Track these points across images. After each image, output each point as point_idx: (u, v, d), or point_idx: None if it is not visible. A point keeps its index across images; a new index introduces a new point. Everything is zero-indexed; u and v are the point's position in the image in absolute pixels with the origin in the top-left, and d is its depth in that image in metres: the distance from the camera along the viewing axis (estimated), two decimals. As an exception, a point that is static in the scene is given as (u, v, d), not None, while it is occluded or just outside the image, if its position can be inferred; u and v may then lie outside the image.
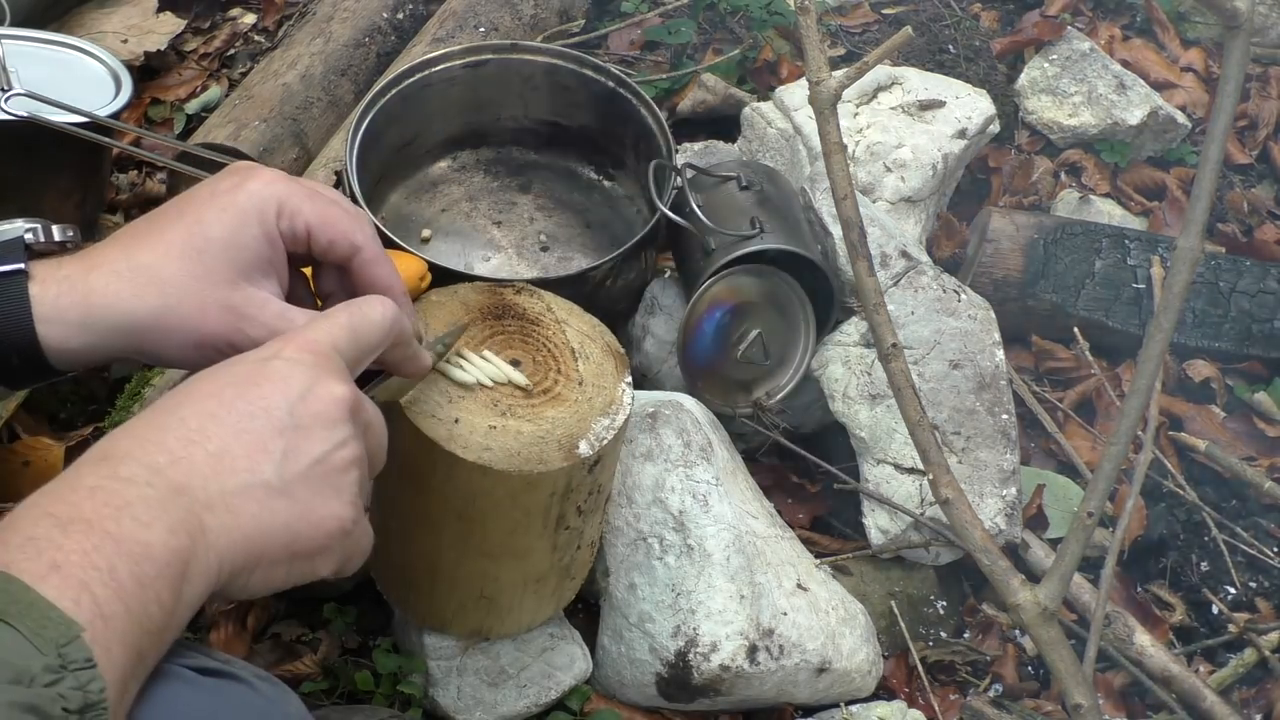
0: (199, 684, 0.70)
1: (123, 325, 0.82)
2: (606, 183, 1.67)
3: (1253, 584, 1.50)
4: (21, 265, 0.81)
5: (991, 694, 1.40)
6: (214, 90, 1.88)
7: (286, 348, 0.77)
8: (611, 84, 1.57)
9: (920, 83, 1.74)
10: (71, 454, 1.43)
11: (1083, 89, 1.88)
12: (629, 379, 1.16)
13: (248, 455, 0.72)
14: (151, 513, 0.66)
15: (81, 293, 0.81)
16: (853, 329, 1.46)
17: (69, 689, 0.58)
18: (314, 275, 0.94)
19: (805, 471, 1.50)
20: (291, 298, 0.90)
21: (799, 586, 1.32)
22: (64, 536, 0.63)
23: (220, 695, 0.72)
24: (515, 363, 1.14)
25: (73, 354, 0.82)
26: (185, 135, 1.78)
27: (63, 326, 0.81)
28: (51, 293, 0.81)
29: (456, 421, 1.07)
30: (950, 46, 1.93)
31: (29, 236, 0.88)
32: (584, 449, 1.08)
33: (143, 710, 0.66)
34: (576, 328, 1.19)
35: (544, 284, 1.25)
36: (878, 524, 1.41)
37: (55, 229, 0.91)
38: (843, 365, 1.44)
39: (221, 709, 0.71)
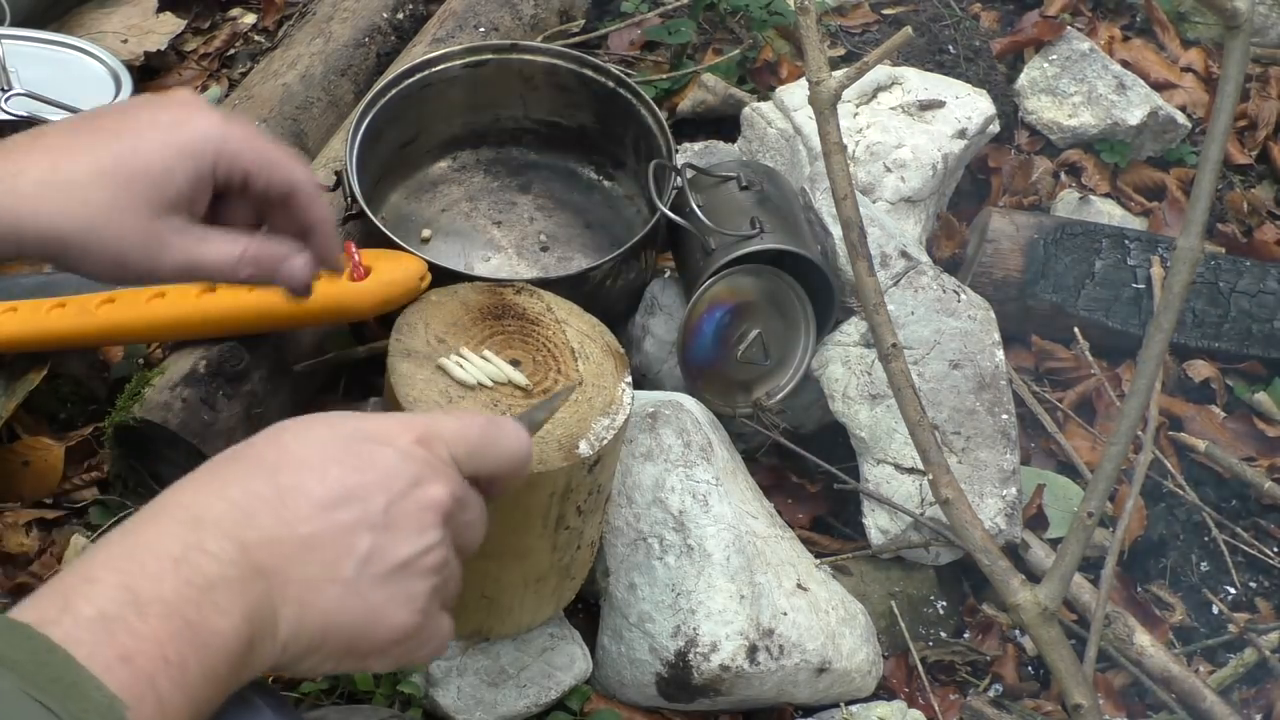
0: None
1: (46, 237, 0.83)
2: (606, 183, 1.67)
3: (1253, 584, 1.50)
4: None
5: (991, 694, 1.40)
6: (214, 90, 1.88)
7: (404, 436, 0.75)
8: (611, 84, 1.57)
9: (920, 83, 1.74)
10: (71, 454, 1.43)
11: (1083, 89, 1.88)
12: (629, 379, 1.16)
13: (334, 548, 0.70)
14: (233, 599, 0.65)
15: (10, 200, 0.81)
16: (853, 329, 1.46)
17: None
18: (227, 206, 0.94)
19: (805, 471, 1.50)
20: (225, 220, 0.91)
21: (799, 586, 1.32)
22: (140, 621, 0.61)
23: (222, 712, 0.71)
24: (515, 363, 1.14)
25: None
26: (185, 135, 1.78)
27: None
28: None
29: (456, 421, 1.07)
30: (950, 46, 1.93)
31: None
32: (584, 449, 1.09)
33: None
34: (576, 328, 1.19)
35: (544, 284, 1.25)
36: (878, 524, 1.41)
37: None
38: (843, 365, 1.44)
39: None
